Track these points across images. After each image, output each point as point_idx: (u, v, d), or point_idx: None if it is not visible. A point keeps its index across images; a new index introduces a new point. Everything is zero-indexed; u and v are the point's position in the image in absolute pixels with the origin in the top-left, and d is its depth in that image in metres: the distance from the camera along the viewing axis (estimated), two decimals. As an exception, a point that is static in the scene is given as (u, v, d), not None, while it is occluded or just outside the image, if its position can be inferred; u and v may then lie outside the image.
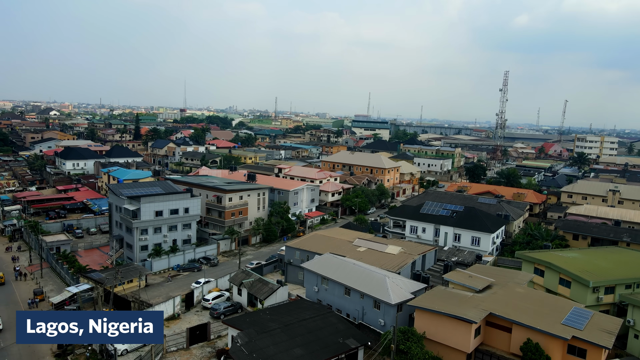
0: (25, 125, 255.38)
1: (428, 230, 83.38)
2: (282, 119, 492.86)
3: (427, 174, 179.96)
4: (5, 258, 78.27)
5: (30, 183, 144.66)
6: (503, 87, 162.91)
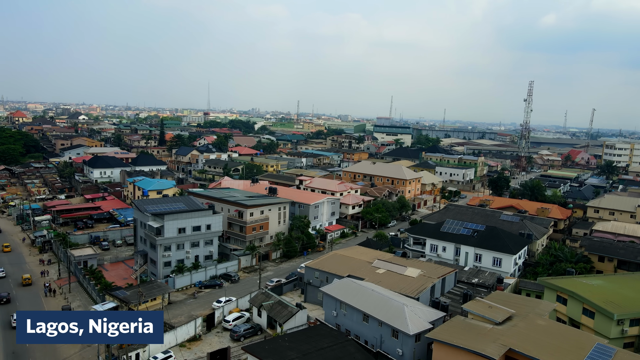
0: (55, 131, 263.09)
1: (448, 250, 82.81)
2: (304, 122, 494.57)
3: (449, 183, 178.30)
4: (36, 271, 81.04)
5: (59, 191, 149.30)
6: (527, 97, 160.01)
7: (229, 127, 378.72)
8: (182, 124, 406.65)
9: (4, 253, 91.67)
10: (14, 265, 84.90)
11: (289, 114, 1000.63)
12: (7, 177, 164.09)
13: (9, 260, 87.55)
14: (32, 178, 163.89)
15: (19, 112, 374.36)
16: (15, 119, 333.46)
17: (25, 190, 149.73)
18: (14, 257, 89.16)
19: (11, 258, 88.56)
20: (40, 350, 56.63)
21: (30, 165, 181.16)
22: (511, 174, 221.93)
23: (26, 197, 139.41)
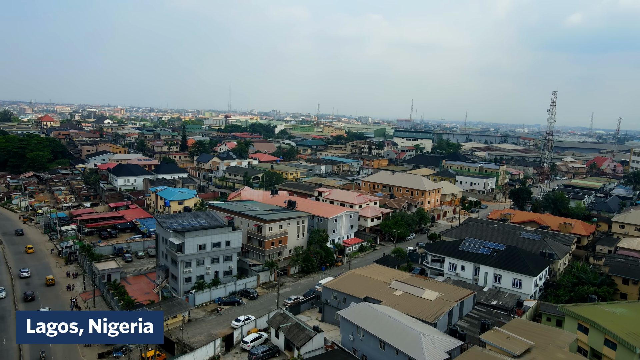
0: (81, 136, 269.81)
1: (467, 269, 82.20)
2: (324, 125, 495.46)
3: (470, 193, 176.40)
4: (63, 284, 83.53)
5: (85, 198, 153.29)
6: (551, 107, 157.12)
7: (249, 132, 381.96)
8: (203, 128, 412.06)
9: (28, 254, 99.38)
10: (42, 275, 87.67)
11: (309, 116, 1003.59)
12: (36, 184, 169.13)
13: (36, 270, 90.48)
14: (59, 185, 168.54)
15: (47, 117, 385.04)
16: (44, 124, 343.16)
17: (53, 197, 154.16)
18: (41, 268, 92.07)
19: (39, 269, 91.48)
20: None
21: (58, 172, 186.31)
22: (534, 182, 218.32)
23: (53, 205, 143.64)
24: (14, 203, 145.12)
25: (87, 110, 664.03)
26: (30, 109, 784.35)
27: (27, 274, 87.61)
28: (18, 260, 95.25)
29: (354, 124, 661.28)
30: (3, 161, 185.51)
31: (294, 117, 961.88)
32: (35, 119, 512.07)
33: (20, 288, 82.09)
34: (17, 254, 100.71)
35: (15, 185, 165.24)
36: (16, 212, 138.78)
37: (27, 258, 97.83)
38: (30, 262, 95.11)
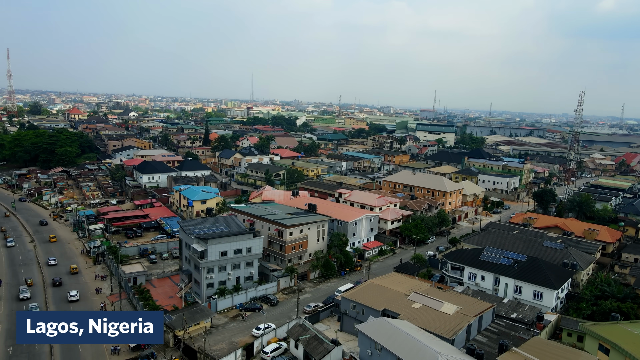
0: (108, 130, 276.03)
1: (487, 279, 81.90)
2: (346, 117, 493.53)
3: (492, 192, 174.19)
4: (92, 286, 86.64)
5: (111, 195, 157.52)
6: (578, 107, 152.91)
7: (271, 124, 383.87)
8: (225, 120, 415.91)
9: (52, 243, 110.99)
10: (71, 277, 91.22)
11: (331, 106, 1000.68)
12: (65, 180, 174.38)
13: (66, 271, 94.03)
14: (87, 180, 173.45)
15: (75, 109, 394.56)
16: (72, 116, 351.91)
17: (81, 194, 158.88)
18: (66, 257, 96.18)
19: (68, 268, 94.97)
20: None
21: (85, 167, 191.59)
22: (559, 180, 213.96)
23: (81, 202, 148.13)
24: (44, 199, 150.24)
25: (113, 101, 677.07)
26: (59, 99, 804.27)
27: (54, 262, 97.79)
28: (45, 250, 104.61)
29: (376, 115, 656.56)
30: (34, 156, 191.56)
31: (316, 107, 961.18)
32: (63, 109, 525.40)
33: (48, 274, 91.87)
34: (42, 242, 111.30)
35: (45, 181, 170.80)
36: (47, 208, 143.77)
37: (52, 247, 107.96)
38: (55, 250, 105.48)
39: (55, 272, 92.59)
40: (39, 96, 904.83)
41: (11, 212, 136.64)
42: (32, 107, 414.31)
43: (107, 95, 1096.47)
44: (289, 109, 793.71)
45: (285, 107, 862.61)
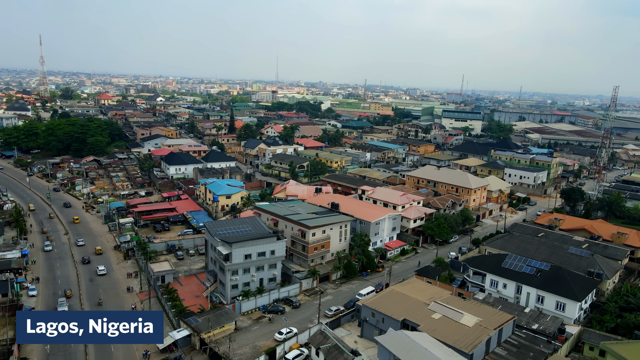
0: (136, 117, 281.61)
1: (509, 287, 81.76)
2: (371, 102, 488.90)
3: (518, 187, 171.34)
4: (123, 285, 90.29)
5: (140, 185, 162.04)
6: (611, 103, 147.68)
7: (296, 110, 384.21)
8: (250, 105, 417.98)
9: (75, 224, 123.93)
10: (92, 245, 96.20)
11: (356, 88, 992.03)
12: (96, 169, 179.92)
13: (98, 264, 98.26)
14: (117, 170, 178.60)
15: (105, 95, 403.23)
16: (102, 102, 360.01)
17: (111, 184, 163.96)
18: (103, 261, 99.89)
19: (100, 263, 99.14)
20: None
21: (115, 156, 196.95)
22: (589, 173, 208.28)
23: (112, 192, 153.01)
24: (77, 189, 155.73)
25: (141, 84, 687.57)
26: (89, 81, 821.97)
27: (82, 243, 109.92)
28: (72, 231, 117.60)
29: (402, 98, 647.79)
30: (67, 145, 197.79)
31: (341, 89, 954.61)
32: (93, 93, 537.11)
33: (78, 253, 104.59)
34: (67, 223, 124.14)
35: (77, 171, 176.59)
36: (79, 199, 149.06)
37: (78, 228, 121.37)
38: (82, 232, 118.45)
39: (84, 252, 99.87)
40: (70, 78, 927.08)
41: (47, 202, 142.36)
42: (63, 92, 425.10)
43: (135, 76, 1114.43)
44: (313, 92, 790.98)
45: (310, 90, 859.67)
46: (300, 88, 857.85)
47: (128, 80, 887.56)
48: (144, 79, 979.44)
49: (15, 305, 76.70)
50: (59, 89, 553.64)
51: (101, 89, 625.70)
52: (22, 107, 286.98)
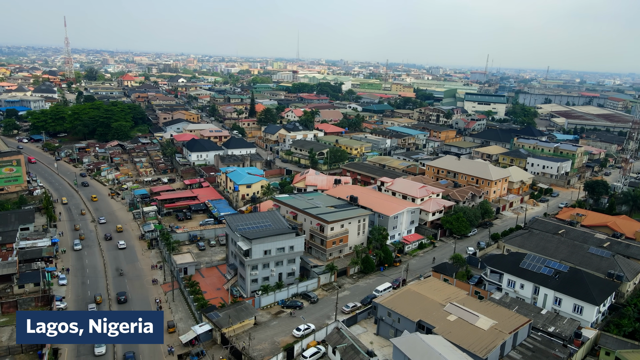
0: (158, 99, 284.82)
1: (527, 288, 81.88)
2: (393, 83, 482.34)
3: (541, 177, 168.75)
4: (148, 277, 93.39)
5: (163, 171, 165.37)
6: None
7: (316, 91, 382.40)
8: (271, 86, 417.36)
9: (93, 201, 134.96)
10: (129, 262, 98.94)
11: (378, 67, 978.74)
12: (120, 154, 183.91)
13: (124, 256, 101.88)
14: (140, 155, 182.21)
15: (128, 76, 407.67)
16: (125, 84, 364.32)
17: (135, 169, 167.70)
18: (128, 253, 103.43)
19: (126, 254, 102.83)
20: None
21: (139, 141, 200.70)
22: (616, 162, 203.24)
23: (136, 179, 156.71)
24: (102, 175, 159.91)
25: (163, 63, 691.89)
26: (112, 59, 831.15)
27: (104, 221, 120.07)
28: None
29: (424, 79, 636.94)
30: (92, 130, 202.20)
31: (363, 67, 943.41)
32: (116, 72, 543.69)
33: (101, 230, 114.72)
34: (87, 201, 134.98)
35: (102, 156, 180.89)
36: (105, 184, 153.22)
37: (99, 206, 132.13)
38: (103, 210, 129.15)
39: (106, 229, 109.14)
40: (93, 56, 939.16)
41: (74, 188, 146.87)
42: (88, 72, 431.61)
43: (157, 54, 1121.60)
44: (334, 71, 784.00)
45: (331, 68, 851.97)
46: (321, 67, 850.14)
47: (150, 59, 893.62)
48: (165, 57, 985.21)
49: (47, 295, 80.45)
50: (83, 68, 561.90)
51: (124, 68, 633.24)
52: (48, 89, 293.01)
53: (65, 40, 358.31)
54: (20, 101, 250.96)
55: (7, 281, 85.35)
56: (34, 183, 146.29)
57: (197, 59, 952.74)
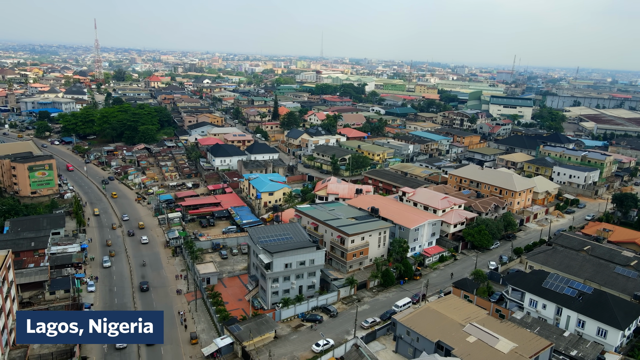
0: (184, 101, 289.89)
1: (549, 308, 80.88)
2: (417, 84, 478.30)
3: (567, 186, 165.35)
4: (172, 283, 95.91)
5: (187, 176, 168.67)
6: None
7: (340, 93, 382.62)
8: (294, 87, 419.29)
9: (113, 198, 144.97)
10: (154, 270, 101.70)
11: (402, 66, 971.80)
12: (146, 157, 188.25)
13: (150, 263, 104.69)
14: (166, 159, 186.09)
15: (154, 77, 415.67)
16: (152, 85, 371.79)
17: (161, 173, 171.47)
18: (154, 261, 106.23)
19: (151, 261, 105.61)
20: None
21: (164, 144, 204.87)
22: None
23: (161, 183, 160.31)
24: (129, 179, 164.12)
25: (189, 63, 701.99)
26: (140, 58, 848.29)
27: (127, 218, 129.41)
28: (119, 207, 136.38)
29: (449, 79, 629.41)
30: (120, 133, 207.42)
31: (387, 67, 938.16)
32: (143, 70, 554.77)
33: (125, 227, 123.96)
34: (114, 205, 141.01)
35: (130, 159, 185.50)
36: (132, 188, 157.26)
37: (124, 205, 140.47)
38: (127, 209, 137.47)
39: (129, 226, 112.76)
40: (122, 54, 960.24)
41: (102, 192, 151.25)
42: (116, 73, 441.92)
43: (183, 52, 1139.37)
44: (358, 70, 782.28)
45: (355, 67, 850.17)
46: (344, 66, 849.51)
47: (176, 58, 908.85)
48: (191, 56, 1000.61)
49: (77, 303, 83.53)
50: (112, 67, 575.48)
51: (151, 67, 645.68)
52: (79, 91, 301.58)
53: (95, 42, 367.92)
54: (53, 103, 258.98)
55: (39, 287, 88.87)
56: (64, 186, 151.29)
57: (221, 58, 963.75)
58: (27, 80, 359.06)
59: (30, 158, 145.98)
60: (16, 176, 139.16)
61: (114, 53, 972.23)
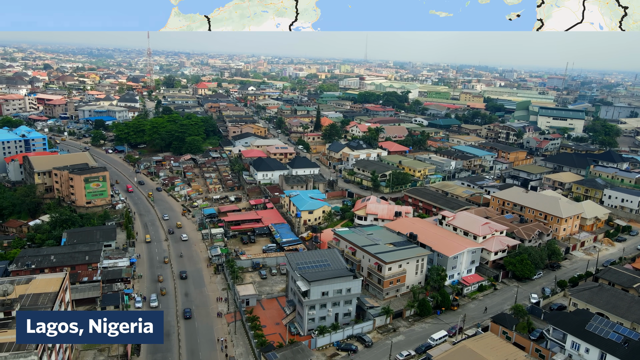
0: (229, 110, 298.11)
1: (592, 353, 78.24)
2: (462, 92, 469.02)
3: (619, 210, 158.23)
4: (214, 305, 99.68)
5: (230, 189, 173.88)
6: None
7: (382, 101, 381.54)
8: (337, 95, 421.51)
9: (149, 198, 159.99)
10: (197, 287, 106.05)
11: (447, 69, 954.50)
12: (192, 168, 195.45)
13: (192, 280, 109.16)
14: (210, 171, 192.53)
15: (202, 84, 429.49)
16: (199, 92, 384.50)
17: (205, 185, 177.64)
18: (197, 278, 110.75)
19: (194, 279, 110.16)
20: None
21: (209, 155, 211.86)
22: None
23: (205, 196, 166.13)
24: (175, 190, 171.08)
25: (235, 68, 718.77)
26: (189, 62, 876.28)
27: (167, 218, 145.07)
28: (159, 208, 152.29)
29: (496, 85, 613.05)
30: (168, 143, 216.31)
31: (431, 71, 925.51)
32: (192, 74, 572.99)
33: (165, 225, 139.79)
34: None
35: (177, 170, 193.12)
36: (178, 200, 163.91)
37: (171, 218, 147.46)
38: (165, 210, 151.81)
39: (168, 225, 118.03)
40: (172, 58, 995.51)
41: (151, 203, 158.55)
42: (166, 80, 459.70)
43: (229, 55, 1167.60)
44: (402, 74, 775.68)
45: (399, 72, 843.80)
46: (388, 70, 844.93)
47: (223, 61, 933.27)
48: (237, 59, 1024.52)
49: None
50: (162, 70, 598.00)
51: (199, 71, 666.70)
52: (131, 99, 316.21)
53: (148, 51, 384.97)
54: (107, 111, 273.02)
55: (91, 303, 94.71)
56: (116, 197, 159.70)
57: (266, 61, 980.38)
58: (84, 87, 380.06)
59: (87, 170, 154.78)
60: (73, 187, 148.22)
61: (165, 56, 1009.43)
